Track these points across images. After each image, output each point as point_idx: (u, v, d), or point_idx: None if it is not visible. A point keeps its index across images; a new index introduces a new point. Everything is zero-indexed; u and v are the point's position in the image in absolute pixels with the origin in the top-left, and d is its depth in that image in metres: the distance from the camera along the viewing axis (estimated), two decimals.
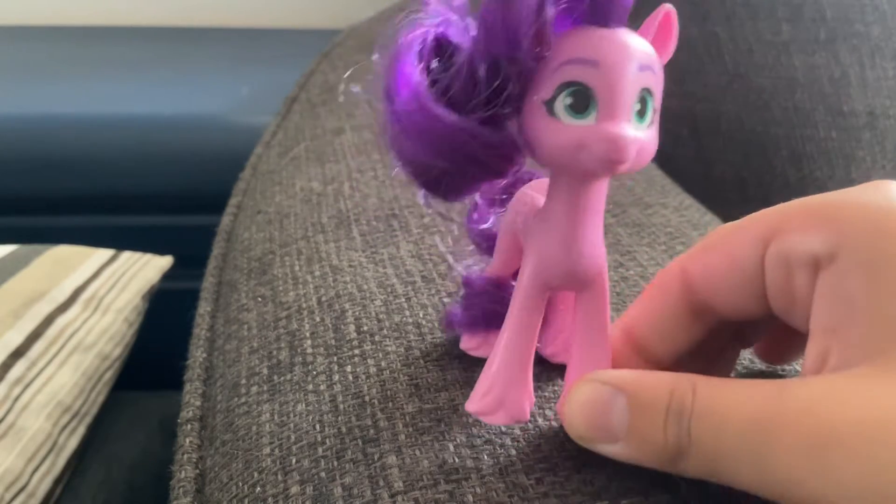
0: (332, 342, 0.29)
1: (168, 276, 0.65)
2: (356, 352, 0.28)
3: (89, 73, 1.00)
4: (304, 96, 0.55)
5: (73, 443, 0.50)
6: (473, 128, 0.19)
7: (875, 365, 0.17)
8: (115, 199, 0.85)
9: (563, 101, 0.18)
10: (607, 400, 0.20)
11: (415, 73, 0.19)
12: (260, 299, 0.35)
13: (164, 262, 0.65)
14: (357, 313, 0.31)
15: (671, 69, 0.20)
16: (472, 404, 0.22)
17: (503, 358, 0.22)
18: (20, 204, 0.84)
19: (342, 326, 0.30)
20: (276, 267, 0.36)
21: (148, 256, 0.65)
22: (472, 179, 0.21)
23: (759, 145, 0.50)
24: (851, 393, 0.17)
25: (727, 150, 0.52)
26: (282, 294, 0.34)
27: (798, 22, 0.49)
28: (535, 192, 0.23)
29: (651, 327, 0.23)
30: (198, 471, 0.29)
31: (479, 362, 0.24)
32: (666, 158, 0.46)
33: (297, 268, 0.35)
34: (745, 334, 0.24)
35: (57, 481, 0.48)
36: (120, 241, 0.67)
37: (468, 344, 0.27)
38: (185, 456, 0.29)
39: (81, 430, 0.51)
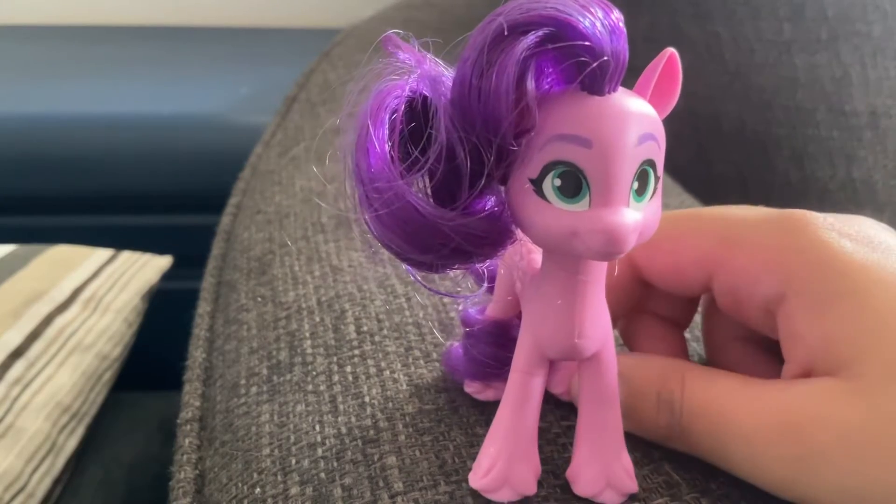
0: (332, 342, 0.29)
1: (167, 276, 0.65)
2: (356, 352, 0.28)
3: (89, 72, 1.00)
4: (304, 96, 0.55)
5: (73, 443, 0.50)
6: (455, 219, 0.17)
7: (842, 378, 0.19)
8: (115, 199, 0.85)
9: (551, 182, 0.16)
10: None
11: (386, 150, 0.17)
12: (259, 299, 0.35)
13: (163, 262, 0.65)
14: (357, 313, 0.30)
15: None
16: (476, 480, 0.21)
17: (506, 433, 0.20)
18: (19, 203, 0.83)
19: (342, 327, 0.30)
20: (275, 267, 0.36)
21: (147, 256, 0.65)
22: (459, 264, 0.19)
23: (761, 145, 0.50)
24: (830, 408, 0.19)
25: (728, 150, 0.52)
26: (281, 294, 0.34)
27: (799, 21, 0.49)
28: (532, 245, 0.20)
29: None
30: (197, 471, 0.29)
31: None
32: (667, 158, 0.46)
33: (296, 268, 0.35)
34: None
35: (56, 482, 0.48)
36: (119, 240, 0.67)
37: (472, 388, 0.25)
38: (185, 456, 0.29)
39: (80, 431, 0.51)
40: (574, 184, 0.16)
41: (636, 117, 0.16)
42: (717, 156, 0.53)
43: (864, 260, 0.20)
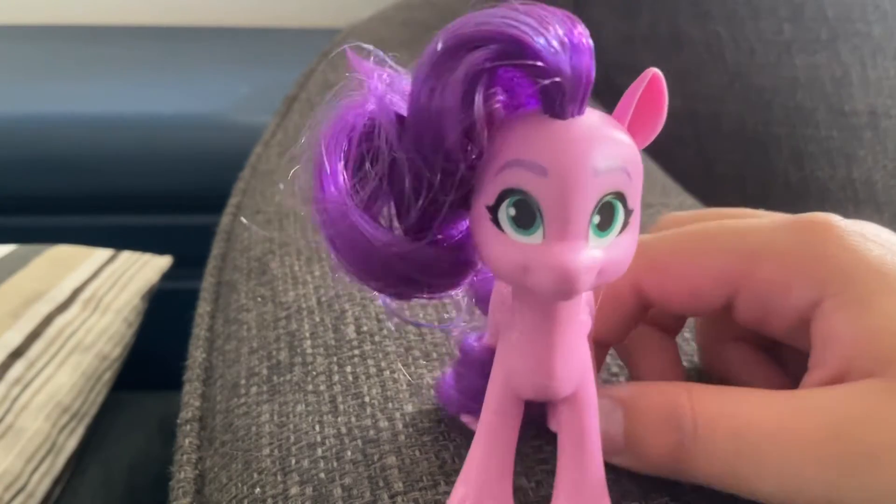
0: (332, 342, 0.29)
1: (167, 276, 0.65)
2: (356, 352, 0.28)
3: (89, 72, 1.00)
4: (304, 96, 0.55)
5: (73, 443, 0.50)
6: (398, 244, 0.16)
7: (888, 377, 0.18)
8: (114, 199, 0.85)
9: (506, 211, 0.15)
10: (607, 412, 0.20)
11: (338, 172, 0.16)
12: (259, 299, 0.35)
13: (163, 262, 0.65)
14: (357, 313, 0.30)
15: (673, 69, 0.19)
16: None
17: (476, 475, 0.19)
18: (19, 203, 0.83)
19: (342, 327, 0.30)
20: (275, 267, 0.36)
21: (147, 256, 0.65)
22: (414, 294, 0.18)
23: (761, 145, 0.50)
24: (880, 408, 0.18)
25: (728, 150, 0.52)
26: (281, 294, 0.34)
27: (799, 21, 0.49)
28: None
29: (608, 333, 0.23)
30: (197, 471, 0.29)
31: None
32: (667, 158, 0.46)
33: (296, 268, 0.35)
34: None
35: (56, 482, 0.48)
36: (119, 240, 0.67)
37: (467, 418, 0.24)
38: (185, 456, 0.29)
39: (80, 431, 0.51)
40: (528, 214, 0.15)
41: (601, 144, 0.15)
42: (717, 156, 0.53)
43: (894, 260, 0.19)
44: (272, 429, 0.27)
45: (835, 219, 0.21)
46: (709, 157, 0.53)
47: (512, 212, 0.15)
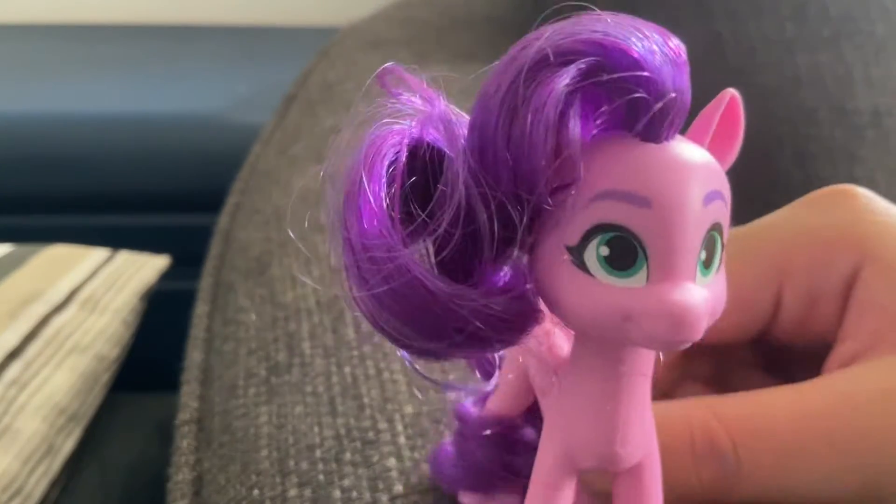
0: (331, 343, 0.29)
1: (165, 276, 0.65)
2: (355, 353, 0.28)
3: (89, 72, 0.99)
4: (303, 95, 0.55)
5: (70, 445, 0.50)
6: (477, 298, 0.13)
7: None
8: (112, 199, 0.85)
9: (596, 251, 0.13)
10: None
11: (384, 210, 0.14)
12: (258, 300, 0.34)
13: (161, 263, 0.65)
14: (356, 314, 0.30)
15: None
16: None
17: None
18: (16, 203, 0.83)
19: (341, 327, 0.30)
20: (274, 267, 0.36)
21: (145, 256, 0.64)
22: (472, 352, 0.15)
23: (762, 144, 0.49)
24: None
25: None
26: (280, 295, 0.34)
27: (802, 20, 0.48)
28: (552, 324, 0.16)
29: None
30: (195, 473, 0.28)
31: None
32: None
33: (295, 268, 0.35)
34: None
35: (53, 483, 0.48)
36: (116, 240, 0.66)
37: (469, 500, 0.21)
38: (183, 458, 0.29)
39: (78, 433, 0.51)
40: (627, 253, 0.13)
41: (704, 171, 0.13)
42: None
43: None
44: (271, 430, 0.26)
45: (852, 186, 0.20)
46: None
47: (605, 251, 0.13)
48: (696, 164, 0.13)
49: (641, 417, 0.15)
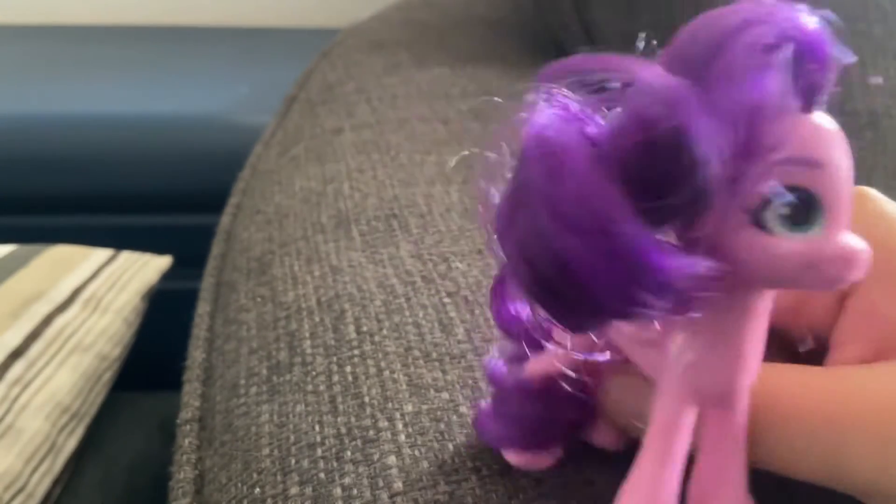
0: (332, 342, 0.29)
1: (167, 276, 0.65)
2: (356, 352, 0.28)
3: (89, 72, 1.00)
4: (304, 96, 0.55)
5: (72, 443, 0.50)
6: (688, 265, 0.14)
7: None
8: (114, 199, 0.85)
9: (777, 211, 0.14)
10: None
11: (590, 156, 0.14)
12: (259, 299, 0.35)
13: (163, 263, 0.65)
14: (357, 313, 0.30)
15: None
16: None
17: (647, 494, 0.17)
18: (19, 203, 0.83)
19: (342, 327, 0.30)
20: (275, 267, 0.36)
21: (147, 256, 0.65)
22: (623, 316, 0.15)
23: None
24: None
25: None
26: (281, 294, 0.34)
27: None
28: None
29: None
30: (197, 472, 0.29)
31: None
32: None
33: (296, 268, 0.35)
34: None
35: (56, 482, 0.48)
36: (119, 240, 0.67)
37: (514, 458, 0.22)
38: (184, 457, 0.29)
39: (80, 431, 0.51)
40: (807, 210, 0.14)
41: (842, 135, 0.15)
42: None
43: None
44: (272, 429, 0.27)
45: (865, 189, 0.20)
46: None
47: (786, 210, 0.14)
48: (839, 130, 0.15)
49: (757, 351, 0.17)
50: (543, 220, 0.14)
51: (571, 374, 0.20)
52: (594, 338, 0.19)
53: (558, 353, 0.20)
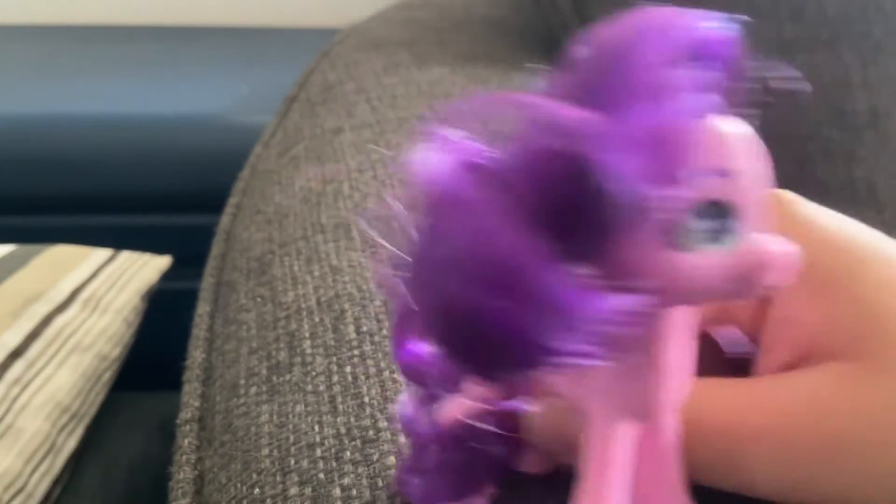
0: (332, 342, 0.29)
1: (167, 276, 0.65)
2: (356, 352, 0.28)
3: (89, 72, 1.00)
4: (304, 96, 0.55)
5: (72, 443, 0.50)
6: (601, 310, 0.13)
7: (851, 360, 0.18)
8: (114, 199, 0.85)
9: (690, 228, 0.13)
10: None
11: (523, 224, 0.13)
12: (259, 299, 0.35)
13: (162, 263, 0.65)
14: (356, 313, 0.30)
15: None
16: None
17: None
18: (19, 203, 0.83)
19: (341, 327, 0.30)
20: (275, 267, 0.36)
21: (147, 256, 0.65)
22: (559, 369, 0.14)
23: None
24: (850, 392, 0.17)
25: None
26: (281, 294, 0.34)
27: (800, 21, 0.49)
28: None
29: None
30: (196, 472, 0.29)
31: None
32: None
33: (296, 268, 0.35)
34: None
35: (55, 482, 0.48)
36: (118, 240, 0.67)
37: None
38: (184, 457, 0.29)
39: (80, 431, 0.51)
40: (725, 222, 0.14)
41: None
42: None
43: (856, 234, 0.19)
44: (271, 429, 0.27)
45: (786, 193, 0.20)
46: None
47: (705, 225, 0.13)
48: (747, 133, 0.14)
49: (683, 366, 0.16)
50: (447, 276, 0.13)
51: (491, 408, 0.19)
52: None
53: (474, 394, 0.19)
